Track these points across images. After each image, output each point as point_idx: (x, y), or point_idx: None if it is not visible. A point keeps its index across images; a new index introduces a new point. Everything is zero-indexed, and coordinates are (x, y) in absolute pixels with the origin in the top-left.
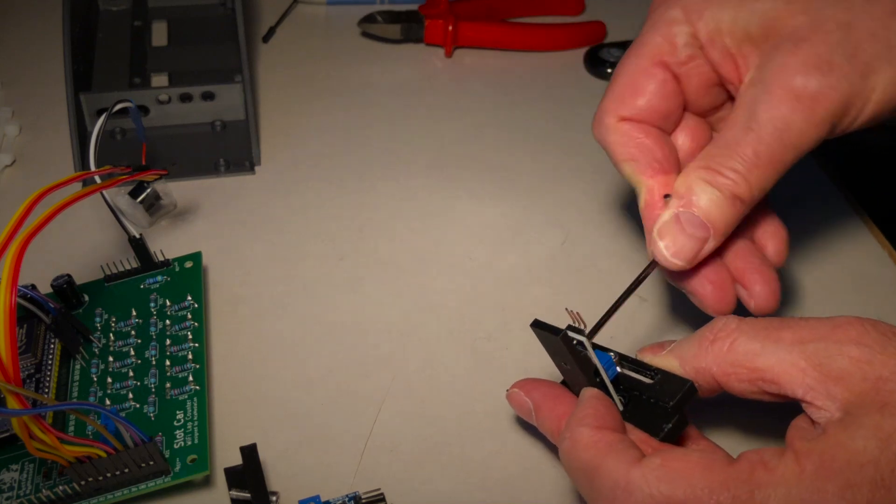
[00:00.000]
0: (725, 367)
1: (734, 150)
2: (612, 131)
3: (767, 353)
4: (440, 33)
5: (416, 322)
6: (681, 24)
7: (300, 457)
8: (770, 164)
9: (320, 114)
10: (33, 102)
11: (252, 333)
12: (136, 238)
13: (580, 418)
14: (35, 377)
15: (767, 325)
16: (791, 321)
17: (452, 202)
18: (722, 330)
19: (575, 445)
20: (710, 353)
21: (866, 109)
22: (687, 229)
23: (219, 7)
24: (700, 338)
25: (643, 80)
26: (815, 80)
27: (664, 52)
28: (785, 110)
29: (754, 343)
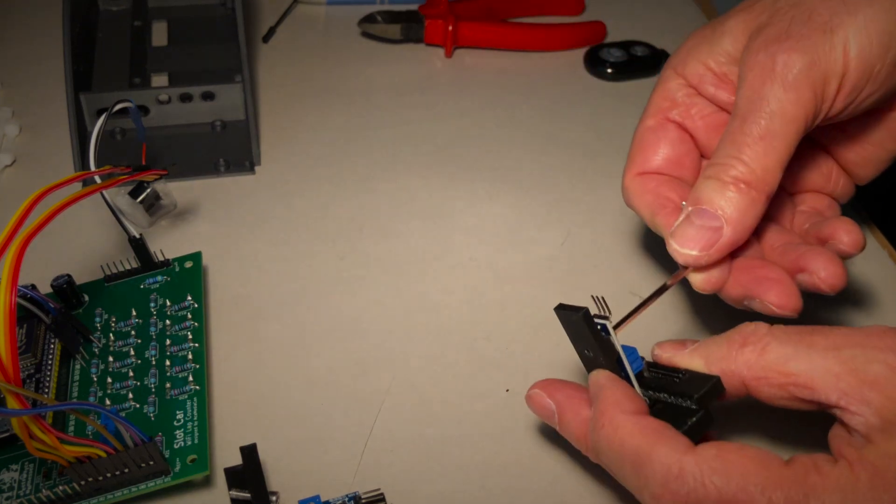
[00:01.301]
0: (756, 372)
1: (727, 141)
2: (630, 189)
3: (801, 357)
4: (440, 33)
5: (416, 322)
6: (673, 79)
7: (300, 457)
8: (761, 139)
9: (320, 114)
10: (33, 102)
11: (252, 333)
12: (136, 238)
13: (614, 403)
14: (35, 377)
15: (800, 331)
16: (823, 328)
17: (452, 202)
18: (753, 334)
19: (618, 432)
20: (740, 356)
21: (851, 66)
22: (696, 222)
23: (219, 7)
24: (729, 340)
25: (651, 137)
26: (775, 48)
27: (665, 109)
28: (757, 85)
29: (787, 348)
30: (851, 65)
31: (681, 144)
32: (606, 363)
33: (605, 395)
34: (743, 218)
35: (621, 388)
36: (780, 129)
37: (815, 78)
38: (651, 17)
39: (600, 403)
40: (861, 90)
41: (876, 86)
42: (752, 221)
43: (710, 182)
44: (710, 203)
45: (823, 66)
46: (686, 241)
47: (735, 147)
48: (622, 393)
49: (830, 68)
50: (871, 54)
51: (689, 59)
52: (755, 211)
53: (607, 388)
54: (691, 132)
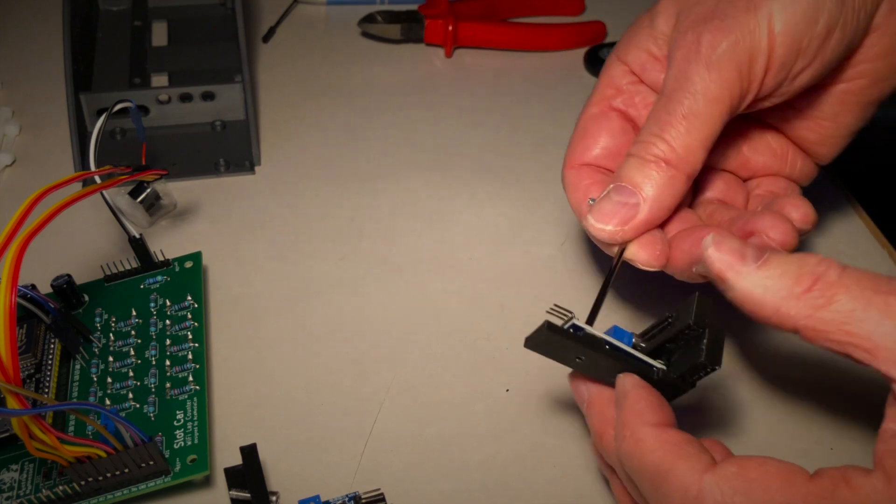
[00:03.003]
0: (816, 323)
1: (651, 120)
2: (566, 180)
3: (870, 319)
4: (440, 33)
5: (416, 322)
6: (616, 66)
7: (300, 457)
8: (684, 118)
9: (320, 114)
10: (33, 102)
11: (252, 333)
12: (136, 238)
13: (637, 413)
14: (35, 377)
15: (875, 284)
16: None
17: (452, 202)
18: (822, 279)
19: (639, 446)
20: (802, 301)
21: (777, 42)
22: (613, 198)
23: (219, 7)
24: (796, 278)
25: (592, 126)
26: (700, 28)
27: (609, 97)
28: (682, 65)
29: (856, 303)
30: (777, 41)
31: (622, 135)
32: (601, 357)
33: (628, 404)
34: (660, 196)
35: (645, 396)
36: (703, 109)
37: (740, 57)
38: None
39: (623, 413)
40: (791, 66)
41: (808, 59)
42: (670, 200)
43: (631, 160)
44: (629, 180)
45: (748, 44)
46: (602, 216)
47: (658, 126)
48: (646, 402)
49: (755, 46)
50: (796, 29)
51: (631, 45)
52: (673, 189)
53: (630, 395)
54: (634, 120)
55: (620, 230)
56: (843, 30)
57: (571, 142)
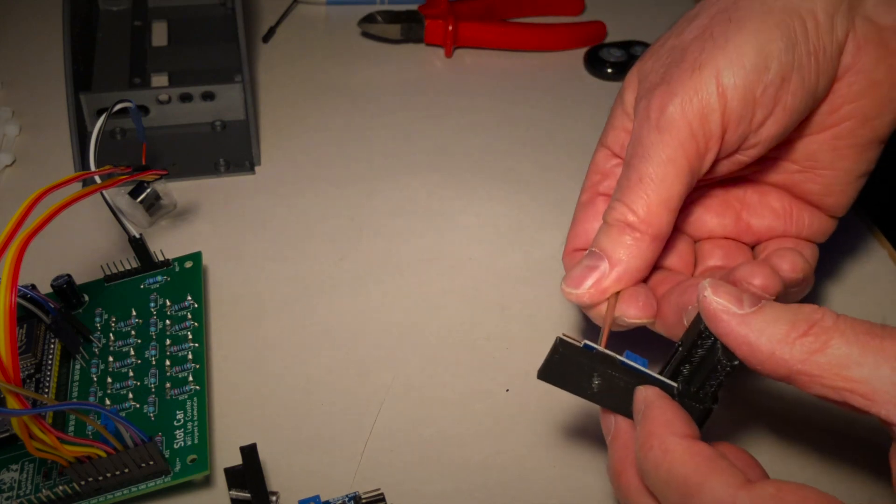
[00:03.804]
0: (811, 368)
1: (617, 188)
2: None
3: (866, 364)
4: (440, 33)
5: (416, 322)
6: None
7: (300, 457)
8: (639, 182)
9: (320, 114)
10: (33, 102)
11: (252, 333)
12: (136, 238)
13: (665, 423)
14: (35, 377)
15: (869, 330)
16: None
17: (452, 202)
18: (817, 325)
19: (667, 457)
20: (797, 346)
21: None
22: (584, 262)
23: (219, 7)
24: (791, 324)
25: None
26: (651, 94)
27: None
28: (637, 132)
29: (852, 348)
30: (728, 94)
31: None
32: (619, 378)
33: (654, 414)
34: (627, 257)
35: (672, 407)
36: (657, 171)
37: (691, 116)
38: (651, 17)
39: (649, 423)
40: (751, 118)
41: (767, 109)
42: (637, 262)
43: (601, 227)
44: (598, 245)
45: (696, 103)
46: (572, 281)
47: (620, 192)
48: (674, 413)
49: (705, 104)
50: (747, 80)
51: (609, 127)
52: (639, 251)
53: (657, 405)
54: None
55: (588, 292)
56: (801, 74)
57: (569, 230)
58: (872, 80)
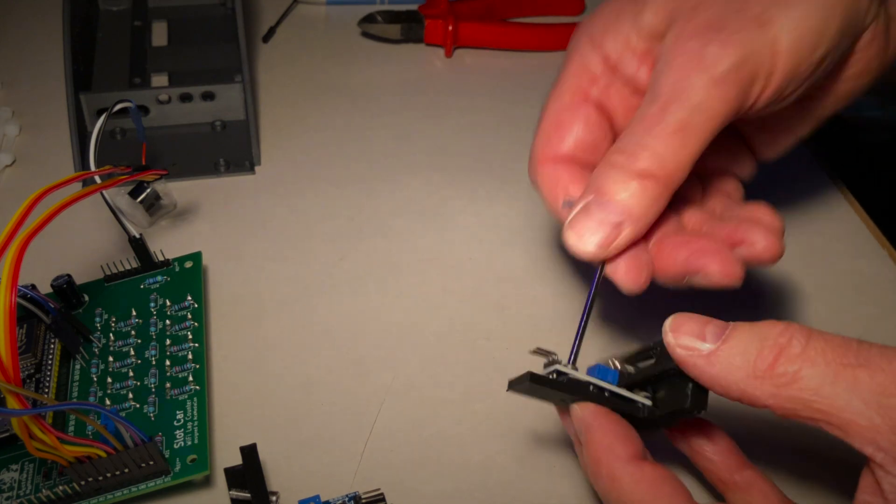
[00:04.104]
0: (783, 402)
1: (639, 126)
2: (541, 180)
3: (839, 396)
4: (440, 33)
5: (416, 322)
6: (591, 53)
7: (300, 457)
8: (677, 131)
9: (320, 114)
10: (33, 102)
11: (252, 333)
12: (136, 238)
13: (607, 448)
14: (35, 377)
15: (843, 356)
16: (868, 354)
17: (452, 202)
18: (784, 353)
19: (615, 485)
20: (766, 381)
21: (779, 66)
22: (595, 216)
23: (219, 7)
24: (758, 353)
25: (567, 117)
26: (707, 38)
27: (583, 86)
28: (683, 73)
29: (823, 379)
30: (779, 64)
31: (598, 129)
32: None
33: (595, 438)
34: (646, 214)
35: (611, 428)
36: (699, 123)
37: (744, 76)
38: None
39: (592, 448)
40: (784, 90)
41: (798, 84)
42: (653, 217)
43: (615, 172)
44: (611, 195)
45: (753, 64)
46: (582, 233)
47: (648, 136)
48: (614, 435)
49: (760, 67)
50: (799, 54)
51: (609, 32)
52: (659, 206)
53: (594, 428)
54: (610, 115)
55: (604, 251)
56: (836, 54)
57: (541, 132)
58: (868, 69)
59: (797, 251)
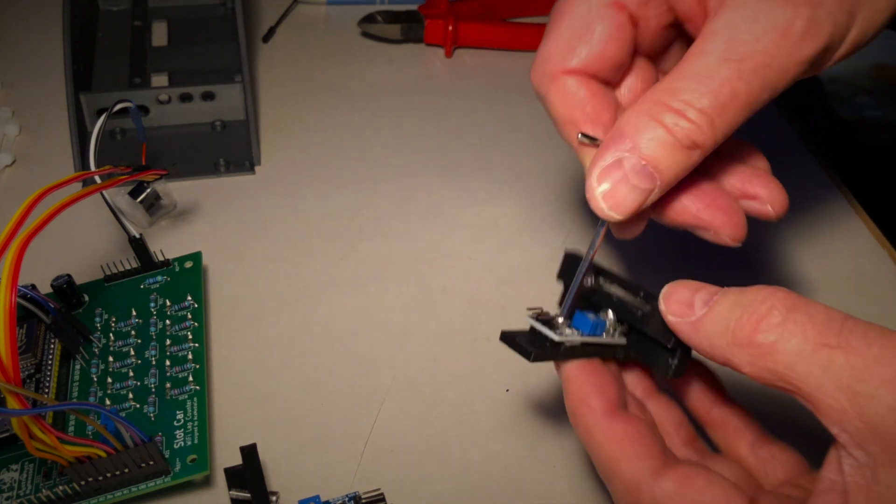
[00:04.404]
0: (759, 372)
1: (704, 83)
2: (554, 86)
3: (812, 373)
4: (440, 33)
5: (416, 322)
6: None
7: (300, 457)
8: (745, 104)
9: (320, 114)
10: (33, 102)
11: (252, 333)
12: (136, 238)
13: (581, 400)
14: (35, 377)
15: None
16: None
17: (452, 202)
18: (764, 320)
19: (589, 438)
20: (744, 350)
21: (840, 51)
22: (631, 179)
23: (219, 7)
24: (738, 323)
25: (596, 24)
26: (804, 15)
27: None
28: (769, 44)
29: (798, 357)
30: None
31: (627, 45)
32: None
33: (570, 392)
34: (675, 182)
35: (587, 380)
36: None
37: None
38: None
39: (568, 402)
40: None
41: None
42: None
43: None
44: (654, 162)
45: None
46: (617, 204)
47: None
48: (589, 386)
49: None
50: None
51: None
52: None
53: (570, 380)
54: (640, 27)
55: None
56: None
57: (559, 34)
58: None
59: (797, 251)
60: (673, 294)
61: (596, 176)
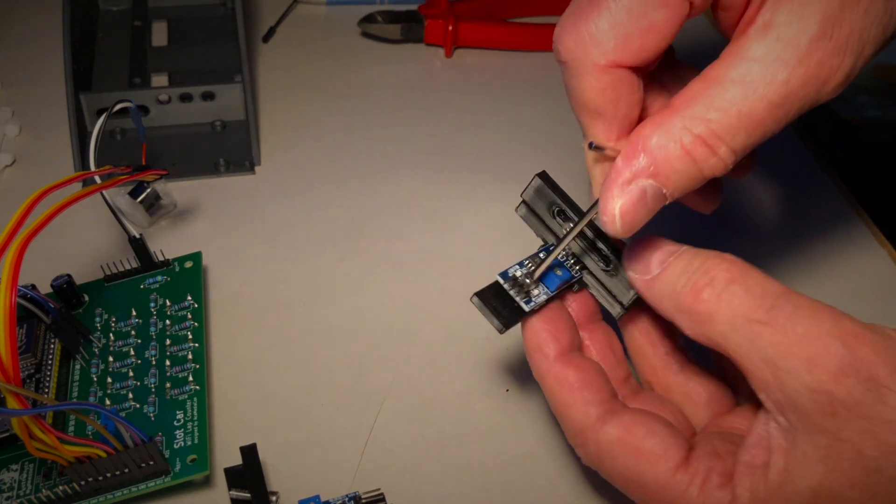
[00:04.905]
0: (699, 337)
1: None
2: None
3: (742, 344)
4: (440, 33)
5: (416, 322)
6: None
7: (300, 457)
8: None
9: (320, 114)
10: (33, 102)
11: (252, 333)
12: (136, 238)
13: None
14: (35, 377)
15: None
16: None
17: (452, 202)
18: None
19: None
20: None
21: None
22: (649, 203)
23: (219, 7)
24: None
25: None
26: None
27: None
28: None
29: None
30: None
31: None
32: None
33: (528, 337)
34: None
35: (541, 327)
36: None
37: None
38: None
39: (526, 346)
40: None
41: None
42: None
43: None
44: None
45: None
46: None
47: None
48: (546, 333)
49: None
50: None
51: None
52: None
53: (528, 327)
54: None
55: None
56: None
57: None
58: None
59: (797, 251)
60: (633, 251)
61: (614, 197)
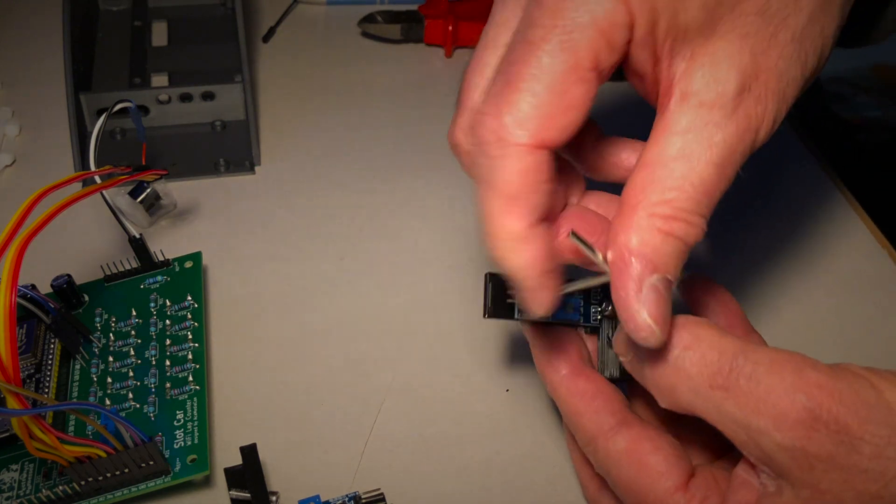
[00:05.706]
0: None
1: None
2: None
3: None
4: (440, 33)
5: (416, 322)
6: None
7: (300, 457)
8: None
9: (320, 114)
10: (33, 102)
11: (252, 333)
12: (136, 238)
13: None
14: (35, 377)
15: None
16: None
17: (452, 202)
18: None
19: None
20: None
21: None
22: (665, 296)
23: (219, 7)
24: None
25: (577, 88)
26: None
27: (601, 53)
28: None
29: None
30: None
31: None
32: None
33: (535, 353)
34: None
35: (547, 342)
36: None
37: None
38: None
39: (536, 360)
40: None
41: None
42: None
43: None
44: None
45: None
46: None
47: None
48: (548, 345)
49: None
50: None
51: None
52: None
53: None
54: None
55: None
56: None
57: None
58: None
59: (797, 251)
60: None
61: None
